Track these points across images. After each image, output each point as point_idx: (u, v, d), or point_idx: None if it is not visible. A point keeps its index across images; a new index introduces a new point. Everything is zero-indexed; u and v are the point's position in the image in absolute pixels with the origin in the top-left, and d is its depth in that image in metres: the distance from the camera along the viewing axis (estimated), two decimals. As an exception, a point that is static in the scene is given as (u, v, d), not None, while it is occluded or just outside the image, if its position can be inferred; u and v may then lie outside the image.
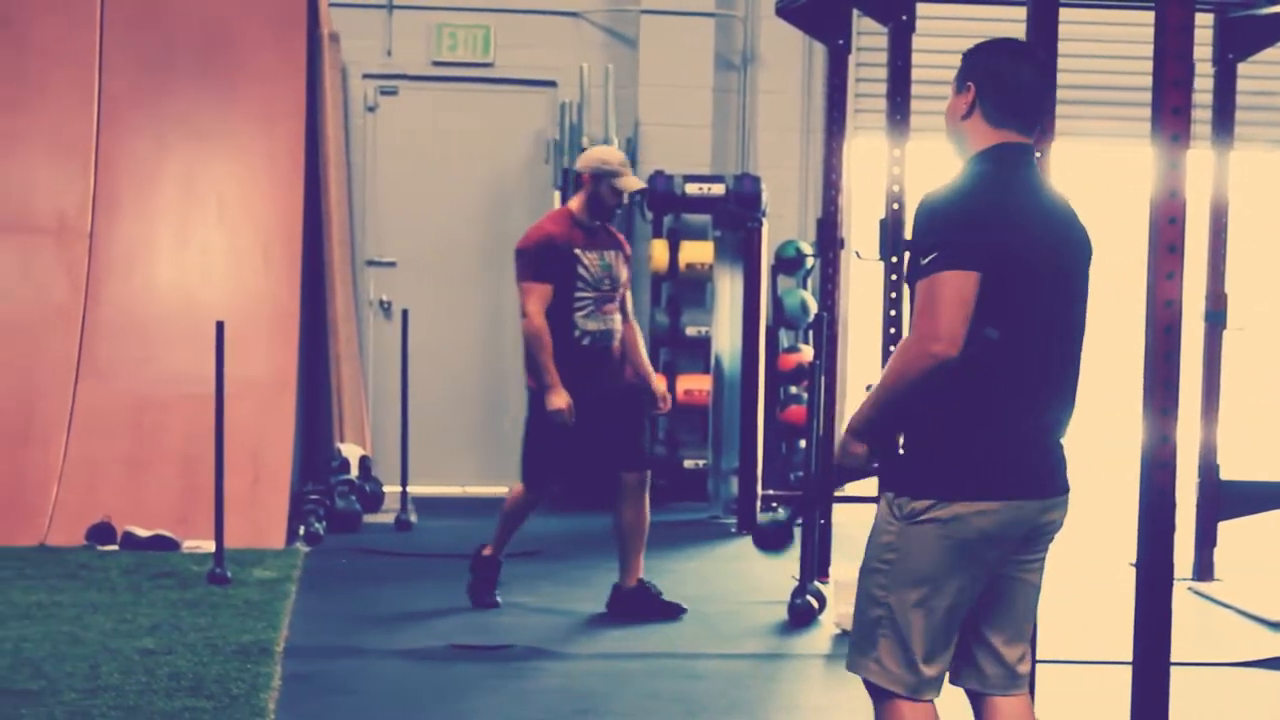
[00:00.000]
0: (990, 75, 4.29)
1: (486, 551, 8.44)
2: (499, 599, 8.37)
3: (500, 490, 12.36)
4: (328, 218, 11.63)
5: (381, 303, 12.38)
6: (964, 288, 4.06)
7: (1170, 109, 5.36)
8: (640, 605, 8.13)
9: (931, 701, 4.29)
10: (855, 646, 4.31)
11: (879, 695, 4.29)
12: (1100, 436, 13.21)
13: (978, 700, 4.41)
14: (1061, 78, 6.06)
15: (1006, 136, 4.28)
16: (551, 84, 12.44)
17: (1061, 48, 6.06)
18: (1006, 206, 4.19)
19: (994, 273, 4.09)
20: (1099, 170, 13.01)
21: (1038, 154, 4.51)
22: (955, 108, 4.34)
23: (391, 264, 12.41)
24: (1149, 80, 5.47)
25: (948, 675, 4.36)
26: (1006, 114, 4.28)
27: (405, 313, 11.06)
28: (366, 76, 12.35)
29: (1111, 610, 8.62)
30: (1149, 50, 5.47)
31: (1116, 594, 9.14)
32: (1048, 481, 4.28)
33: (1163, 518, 5.39)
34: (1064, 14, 6.15)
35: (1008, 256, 4.11)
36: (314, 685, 6.74)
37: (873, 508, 4.46)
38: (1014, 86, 4.27)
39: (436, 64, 12.40)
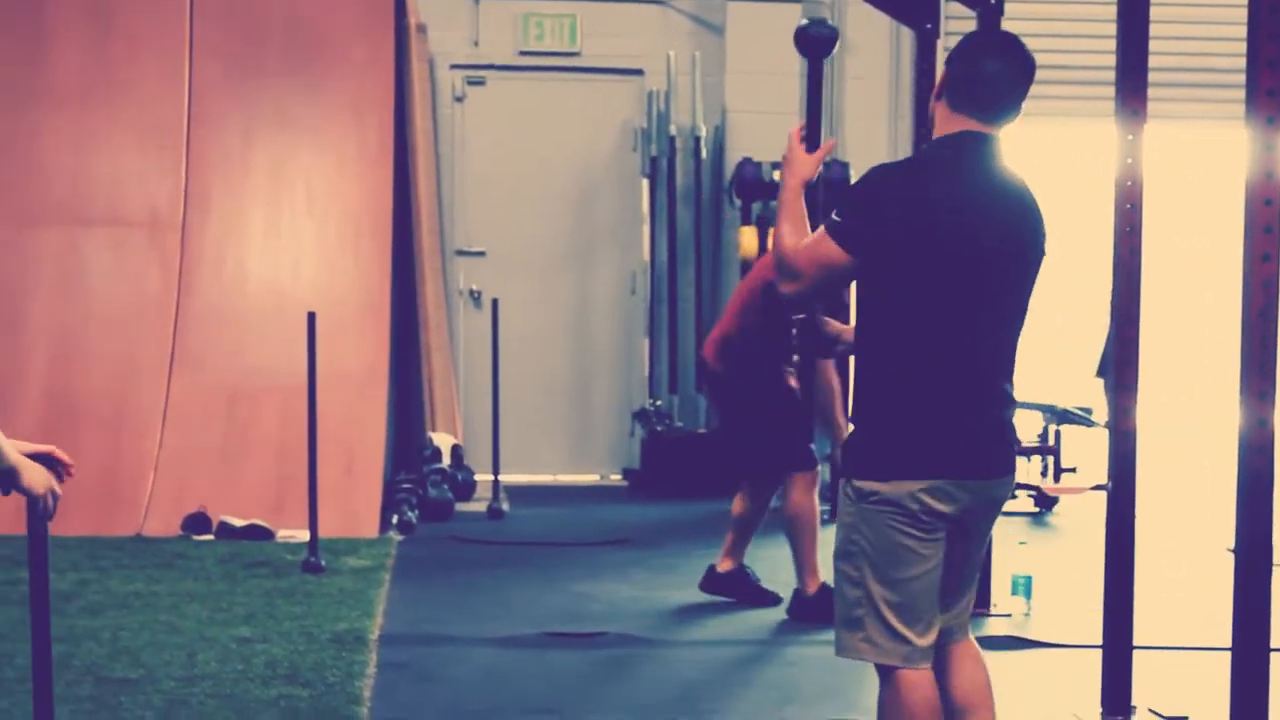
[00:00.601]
0: (957, 63, 4.44)
1: (724, 566, 8.25)
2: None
3: (590, 478, 12.44)
4: (417, 208, 11.67)
5: (471, 292, 12.41)
6: (834, 259, 4.32)
7: (1265, 90, 5.28)
8: (819, 608, 7.74)
9: (928, 668, 4.42)
10: (842, 630, 4.44)
11: (879, 671, 4.44)
12: (1197, 421, 13.10)
13: (937, 653, 4.52)
14: (1153, 60, 6.02)
15: (965, 124, 4.39)
16: (638, 72, 12.43)
17: (1152, 29, 5.99)
18: (937, 194, 4.29)
19: (895, 259, 4.25)
20: (1191, 153, 12.88)
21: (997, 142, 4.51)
22: (934, 92, 4.48)
23: (481, 254, 12.43)
24: (1243, 62, 5.40)
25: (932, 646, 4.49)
26: (966, 102, 4.39)
27: (495, 302, 11.08)
28: (454, 67, 12.38)
29: (1210, 596, 8.55)
30: (1243, 31, 5.40)
31: (1215, 579, 9.06)
32: (986, 462, 4.40)
33: (1261, 502, 5.32)
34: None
35: (921, 244, 4.24)
36: (409, 673, 6.76)
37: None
38: (975, 77, 4.40)
39: (523, 54, 12.42)
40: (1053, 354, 12.76)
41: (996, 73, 4.39)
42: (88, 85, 10.98)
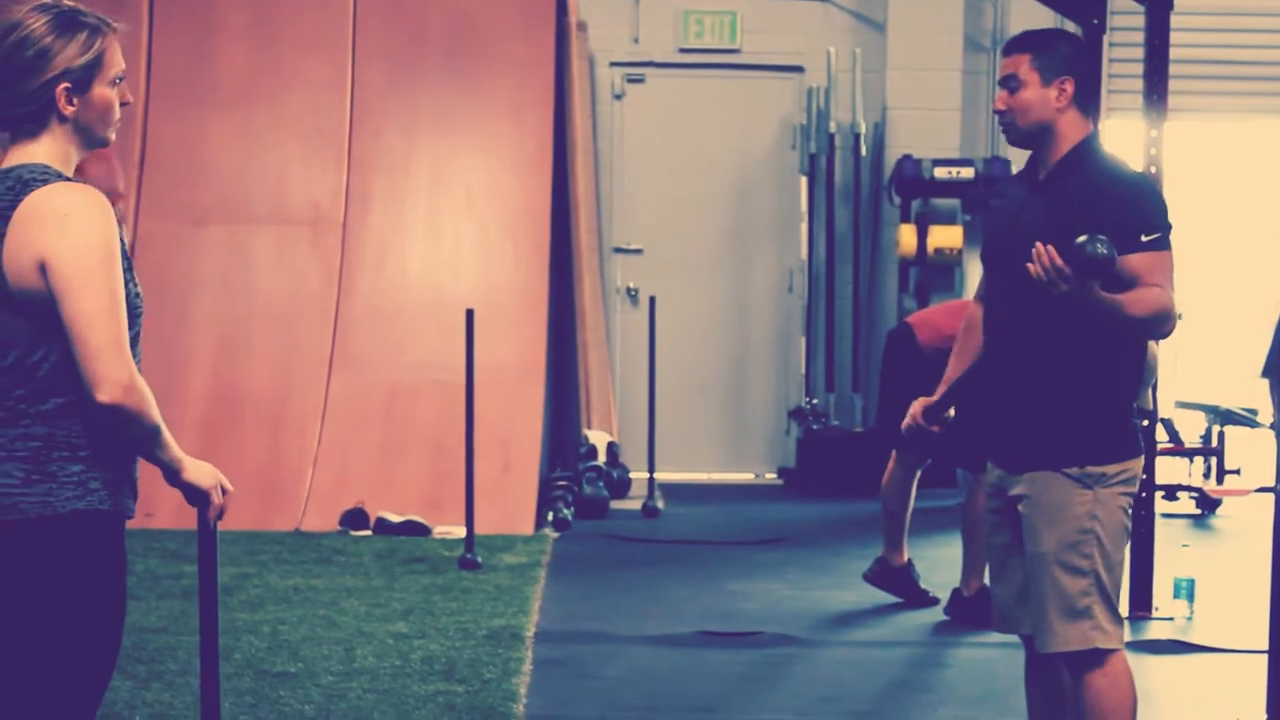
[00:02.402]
0: (1083, 68, 4.58)
1: (898, 560, 8.21)
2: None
3: (745, 477, 12.39)
4: (575, 206, 11.69)
5: (628, 290, 12.41)
6: (1173, 268, 4.48)
7: None
8: (976, 610, 7.59)
9: None
10: (1061, 622, 4.49)
11: (1096, 660, 4.50)
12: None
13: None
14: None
15: (1089, 128, 4.58)
16: (798, 69, 12.38)
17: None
18: None
19: None
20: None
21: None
22: (1045, 98, 4.53)
23: (638, 251, 12.44)
24: None
25: (1007, 625, 4.73)
26: (1091, 107, 4.62)
27: (652, 300, 11.06)
28: (614, 64, 12.39)
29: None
30: None
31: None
32: None
33: None
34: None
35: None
36: (565, 670, 6.77)
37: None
38: (1093, 82, 4.69)
39: (683, 51, 12.40)
40: (1217, 354, 12.56)
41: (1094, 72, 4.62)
42: (253, 86, 11.12)
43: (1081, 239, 4.19)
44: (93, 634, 3.40)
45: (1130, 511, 4.57)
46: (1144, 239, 4.37)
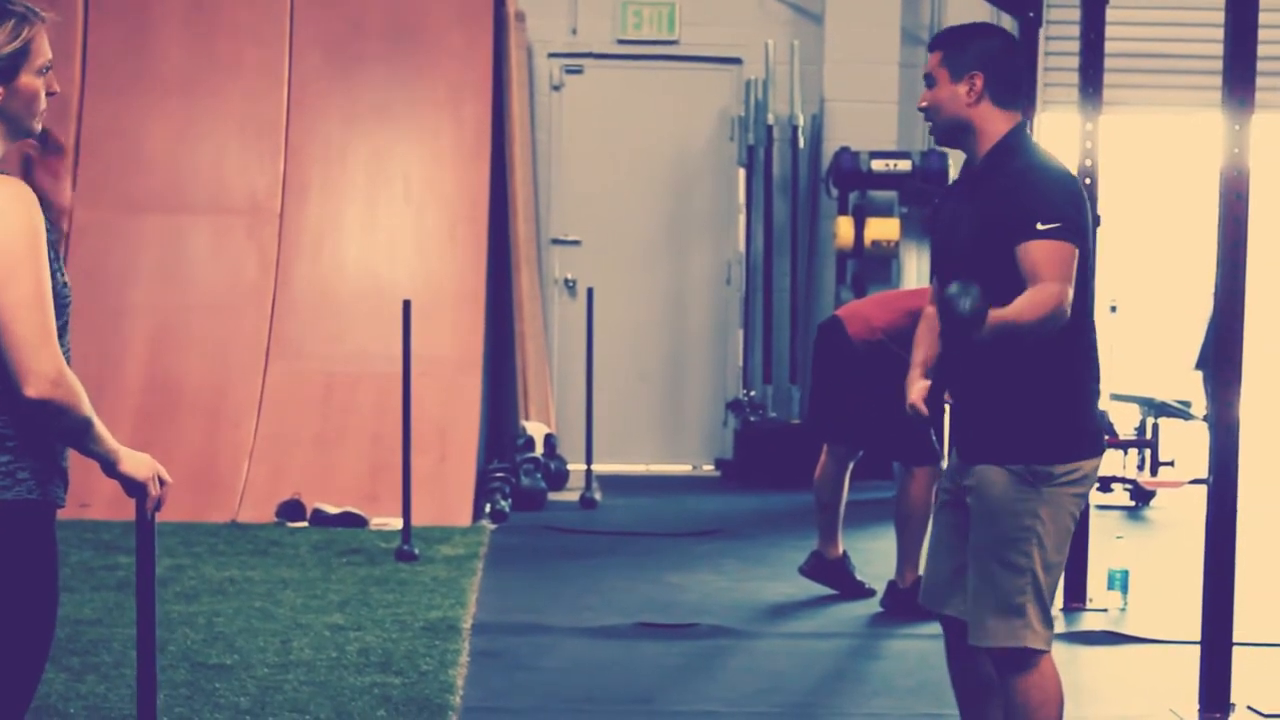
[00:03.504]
0: (1002, 61, 4.57)
1: (833, 553, 8.19)
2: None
3: (683, 469, 12.41)
4: (513, 197, 11.68)
5: (566, 281, 12.41)
6: (1073, 259, 4.39)
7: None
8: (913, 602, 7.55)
9: None
10: (994, 618, 4.49)
11: (1025, 659, 4.50)
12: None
13: (954, 624, 4.69)
14: (1261, 49, 5.93)
15: (1014, 119, 4.55)
16: (737, 61, 12.39)
17: (1261, 17, 5.90)
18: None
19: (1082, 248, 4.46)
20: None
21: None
22: (955, 94, 4.55)
23: (576, 242, 12.43)
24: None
25: (933, 602, 4.75)
26: (1014, 99, 4.57)
27: (590, 291, 11.06)
28: (552, 55, 12.38)
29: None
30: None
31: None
32: None
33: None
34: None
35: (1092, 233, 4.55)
36: (501, 662, 6.77)
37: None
38: (1019, 72, 4.64)
39: (621, 42, 12.40)
40: (1151, 347, 12.64)
41: (1025, 65, 4.60)
42: (190, 75, 11.07)
43: (952, 289, 4.23)
44: (24, 625, 3.38)
45: (1078, 514, 4.54)
46: (1040, 227, 4.33)
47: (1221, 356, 5.98)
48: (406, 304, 8.84)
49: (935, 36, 4.71)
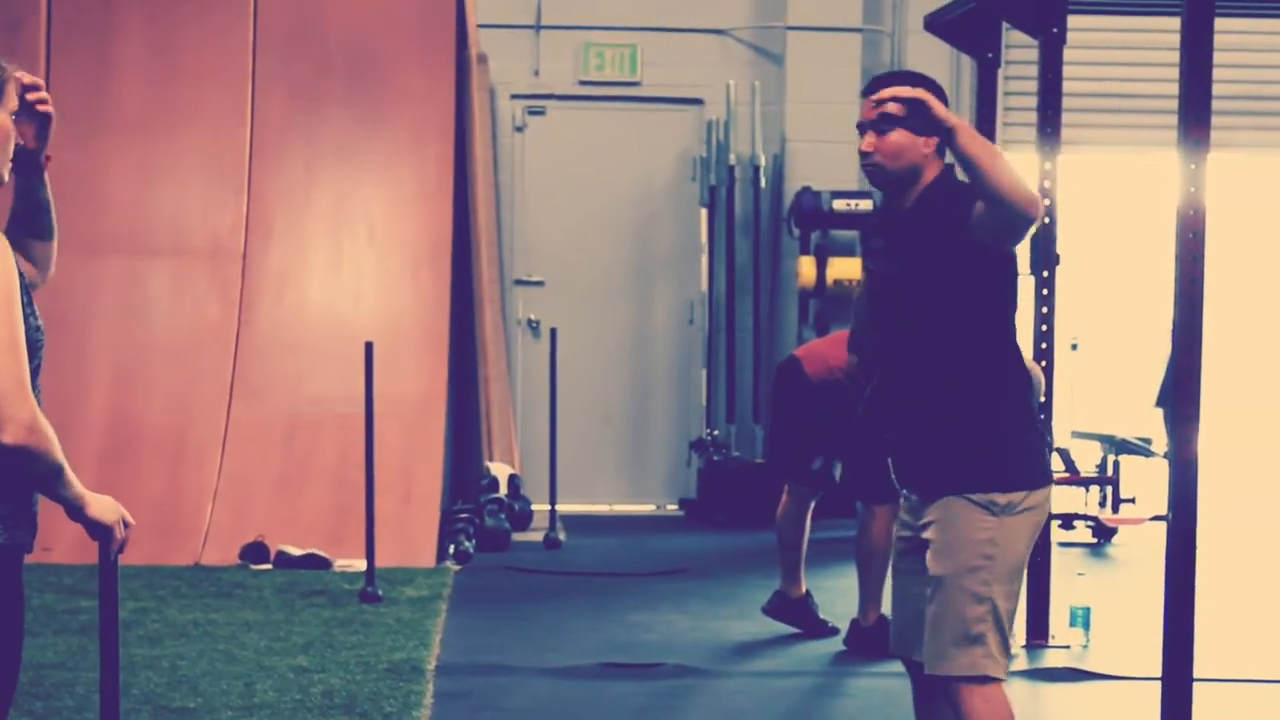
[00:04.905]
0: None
1: (796, 593, 8.20)
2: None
3: (646, 508, 12.42)
4: (476, 238, 11.69)
5: (530, 322, 12.43)
6: None
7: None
8: (876, 640, 7.62)
9: None
10: (952, 648, 4.49)
11: (975, 685, 4.50)
12: (1257, 450, 13.01)
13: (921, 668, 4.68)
14: (1216, 89, 5.99)
15: (942, 163, 4.61)
16: (698, 102, 12.44)
17: (1216, 58, 5.96)
18: None
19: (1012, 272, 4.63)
20: (1246, 180, 12.81)
21: None
22: (917, 143, 4.51)
23: (539, 283, 12.45)
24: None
25: (903, 648, 4.76)
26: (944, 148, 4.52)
27: (554, 332, 11.08)
28: (515, 97, 12.41)
29: (1271, 628, 8.49)
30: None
31: (1276, 611, 8.99)
32: None
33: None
34: (1219, 24, 6.04)
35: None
36: (465, 703, 6.76)
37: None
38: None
39: (584, 83, 12.44)
40: (1112, 384, 12.70)
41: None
42: (152, 118, 11.06)
43: None
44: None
45: (1032, 544, 4.57)
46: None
47: (1180, 393, 6.01)
48: (369, 345, 8.84)
49: (885, 80, 4.61)
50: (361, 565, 9.06)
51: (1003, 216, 4.27)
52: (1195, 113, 5.93)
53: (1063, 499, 11.28)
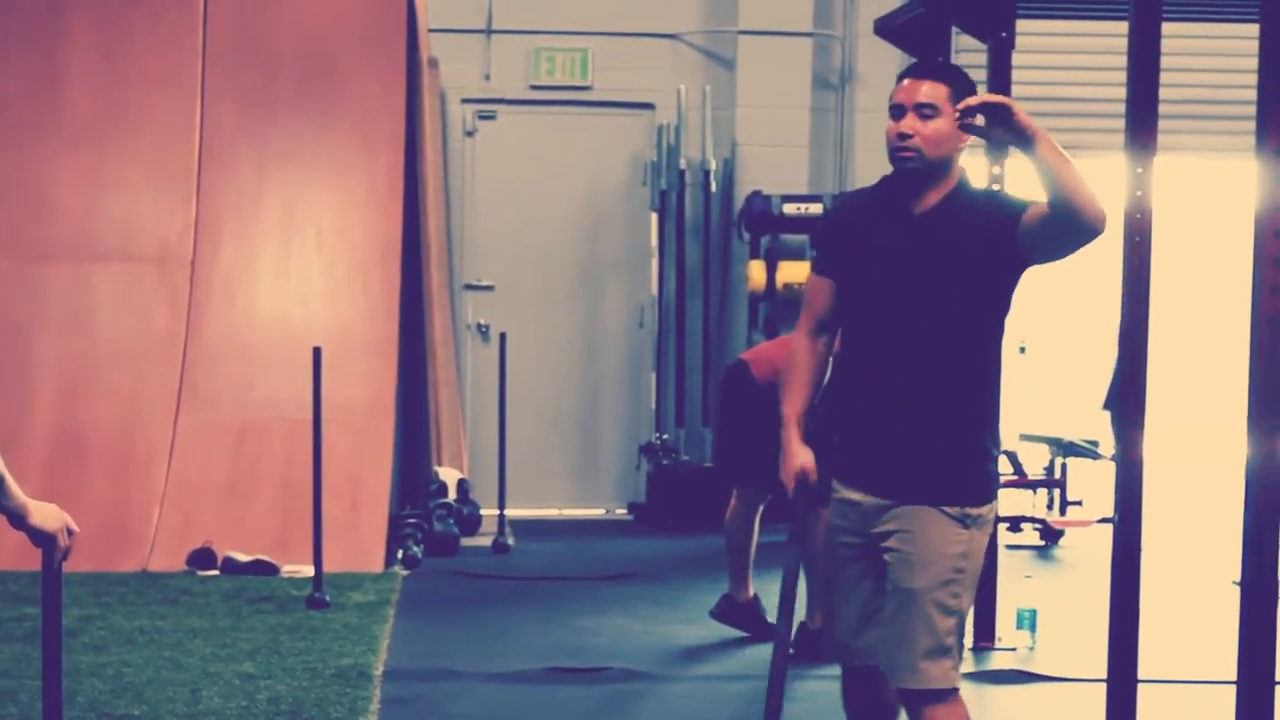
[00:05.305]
0: None
1: (744, 596, 8.21)
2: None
3: (596, 512, 12.41)
4: (426, 242, 11.67)
5: (479, 326, 12.41)
6: None
7: (1276, 123, 5.29)
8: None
9: None
10: (927, 661, 4.47)
11: (945, 697, 4.50)
12: (1203, 453, 13.07)
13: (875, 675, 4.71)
14: (1163, 92, 6.01)
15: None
16: (649, 106, 12.44)
17: (1163, 62, 5.98)
18: None
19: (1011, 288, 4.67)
20: (1199, 184, 12.87)
21: None
22: (958, 134, 4.53)
23: (489, 288, 12.43)
24: (1254, 94, 5.41)
25: (842, 655, 4.78)
26: None
27: (503, 336, 11.06)
28: (465, 101, 12.40)
29: (1216, 629, 8.51)
30: (1253, 64, 5.41)
31: (1220, 613, 9.03)
32: None
33: (1266, 535, 5.31)
34: (1166, 28, 6.06)
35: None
36: (413, 709, 6.74)
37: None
38: None
39: (535, 88, 12.43)
40: (1059, 387, 12.75)
41: None
42: (100, 123, 10.99)
43: None
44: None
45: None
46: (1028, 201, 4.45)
47: (1125, 396, 6.03)
48: (317, 351, 8.81)
49: (933, 67, 4.58)
50: (309, 571, 9.03)
51: (1074, 227, 4.28)
52: (1142, 116, 5.95)
53: (1011, 501, 11.34)
